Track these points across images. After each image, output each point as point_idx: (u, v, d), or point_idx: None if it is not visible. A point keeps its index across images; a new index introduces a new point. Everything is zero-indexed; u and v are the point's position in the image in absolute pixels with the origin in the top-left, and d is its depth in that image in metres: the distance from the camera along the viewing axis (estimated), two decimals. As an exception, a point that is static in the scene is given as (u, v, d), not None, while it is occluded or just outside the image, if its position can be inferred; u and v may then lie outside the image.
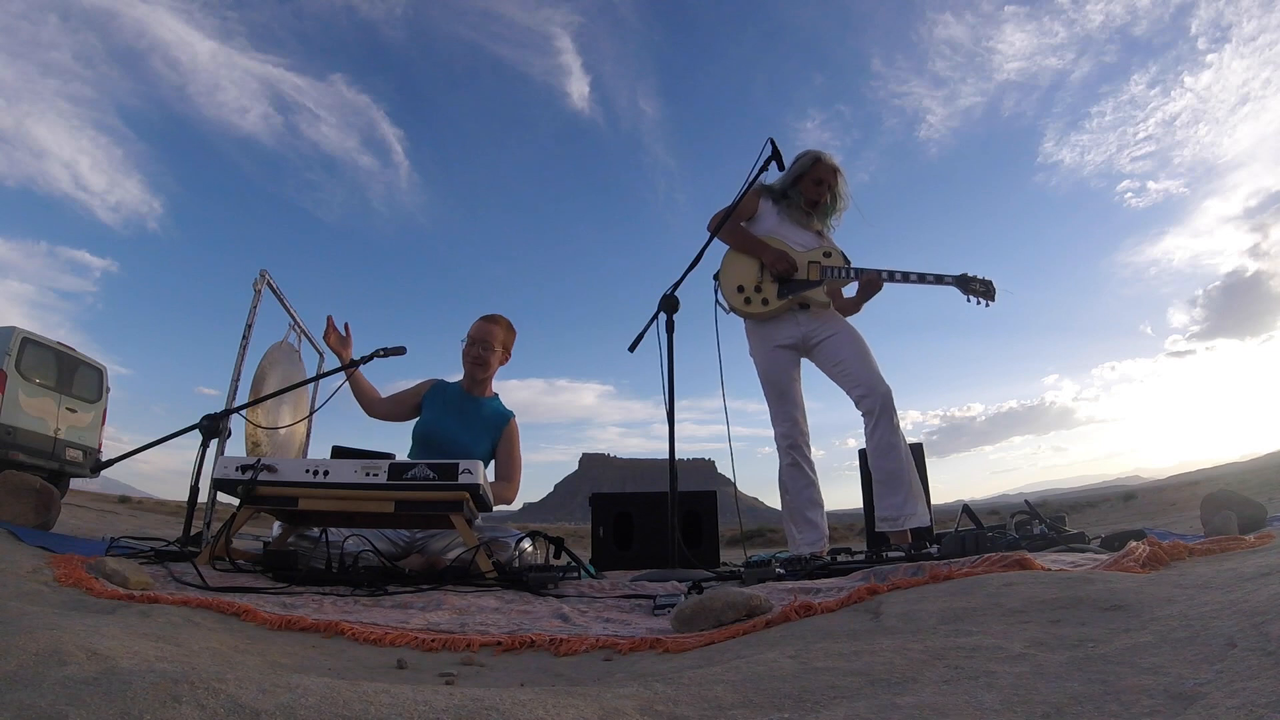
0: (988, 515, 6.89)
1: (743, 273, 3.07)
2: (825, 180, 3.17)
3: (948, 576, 1.37)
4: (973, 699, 0.70)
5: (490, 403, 3.02)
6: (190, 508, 3.06)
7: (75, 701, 0.64)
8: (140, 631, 1.08)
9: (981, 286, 2.99)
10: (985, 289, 2.99)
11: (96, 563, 1.80)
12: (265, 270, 3.72)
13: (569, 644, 1.23)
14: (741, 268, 3.09)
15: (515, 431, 2.99)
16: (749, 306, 3.04)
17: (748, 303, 3.04)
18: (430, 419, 2.94)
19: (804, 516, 2.94)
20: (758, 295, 3.04)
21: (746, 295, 3.04)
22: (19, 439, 7.57)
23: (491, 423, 2.95)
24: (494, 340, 3.00)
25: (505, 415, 2.99)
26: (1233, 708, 0.59)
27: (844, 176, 3.23)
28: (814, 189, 3.17)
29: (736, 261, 3.11)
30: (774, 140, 2.97)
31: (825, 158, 3.19)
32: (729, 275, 3.09)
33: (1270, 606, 0.83)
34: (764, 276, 3.05)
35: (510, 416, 3.01)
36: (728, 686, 0.81)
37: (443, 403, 2.96)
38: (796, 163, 3.21)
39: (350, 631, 1.32)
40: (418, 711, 0.67)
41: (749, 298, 3.04)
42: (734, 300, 3.06)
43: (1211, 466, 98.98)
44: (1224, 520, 2.29)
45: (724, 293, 3.08)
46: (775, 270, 3.02)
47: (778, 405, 3.04)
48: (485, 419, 2.95)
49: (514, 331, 3.11)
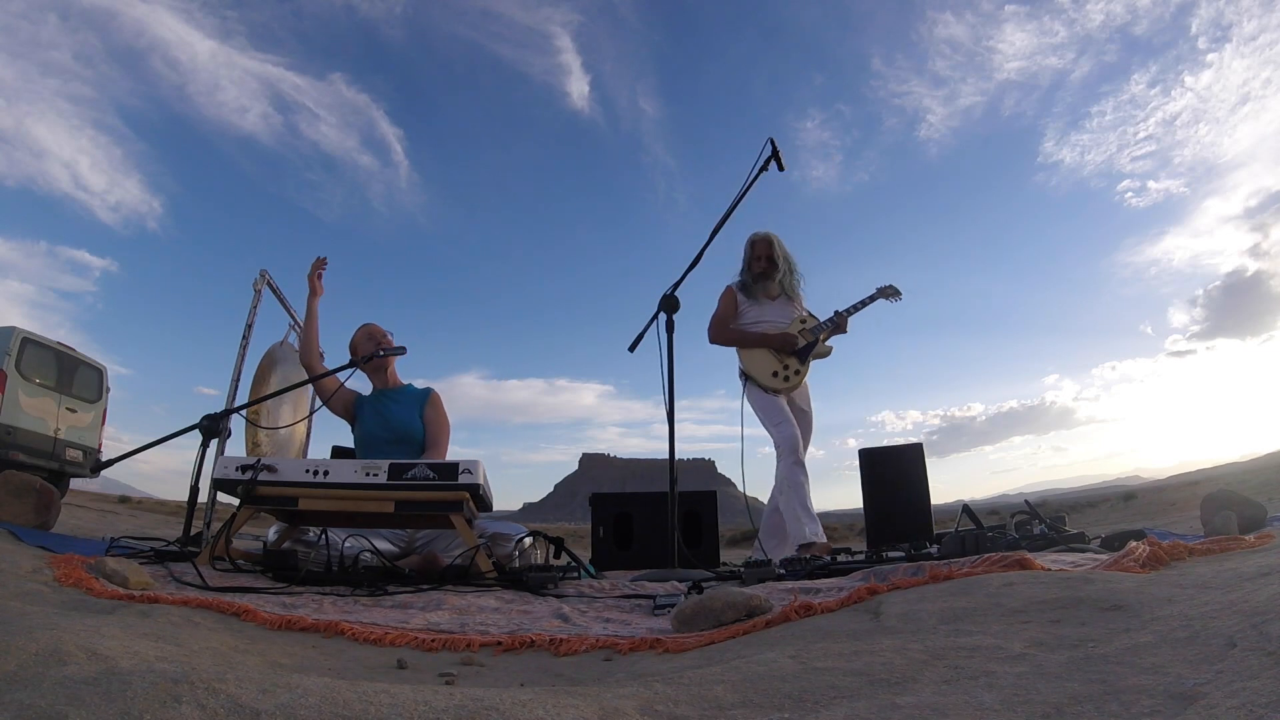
0: (988, 515, 6.89)
1: (766, 361, 3.62)
2: (761, 253, 3.78)
3: (948, 576, 1.37)
4: (973, 699, 0.70)
5: (406, 388, 3.16)
6: (190, 508, 3.07)
7: (75, 701, 0.64)
8: (140, 631, 1.08)
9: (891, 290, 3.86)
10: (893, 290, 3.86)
11: (96, 563, 1.80)
12: (265, 270, 3.72)
13: (569, 644, 1.23)
14: (762, 359, 3.62)
15: (439, 400, 3.14)
16: (789, 383, 3.58)
17: (787, 380, 3.58)
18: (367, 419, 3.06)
19: (807, 507, 3.33)
20: (789, 369, 3.60)
21: (784, 376, 3.59)
22: (19, 439, 7.57)
23: (415, 399, 3.09)
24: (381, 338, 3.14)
25: (425, 390, 3.16)
26: (1233, 708, 0.59)
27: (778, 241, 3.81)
28: (758, 264, 3.79)
29: (755, 356, 3.64)
30: (774, 140, 2.97)
31: (756, 235, 3.83)
32: (758, 367, 3.61)
33: (1270, 606, 0.83)
34: (782, 356, 3.62)
35: (430, 389, 3.16)
36: (728, 686, 0.81)
37: (371, 406, 3.08)
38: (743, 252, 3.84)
39: (350, 631, 1.32)
40: (418, 711, 0.67)
41: (787, 377, 3.58)
42: (775, 384, 3.58)
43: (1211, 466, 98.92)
44: (1224, 520, 2.29)
45: (762, 381, 3.58)
46: (786, 349, 3.62)
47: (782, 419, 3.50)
48: (408, 398, 3.09)
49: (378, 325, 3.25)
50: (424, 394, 3.12)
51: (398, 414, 3.00)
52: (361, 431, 3.04)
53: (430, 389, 3.15)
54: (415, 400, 3.08)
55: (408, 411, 3.03)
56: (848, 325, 3.75)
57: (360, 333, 3.17)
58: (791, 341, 3.63)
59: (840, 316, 3.74)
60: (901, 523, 3.25)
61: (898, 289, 3.88)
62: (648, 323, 2.96)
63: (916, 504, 3.28)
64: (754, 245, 3.83)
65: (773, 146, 2.96)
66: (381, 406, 3.04)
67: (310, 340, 3.16)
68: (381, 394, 3.10)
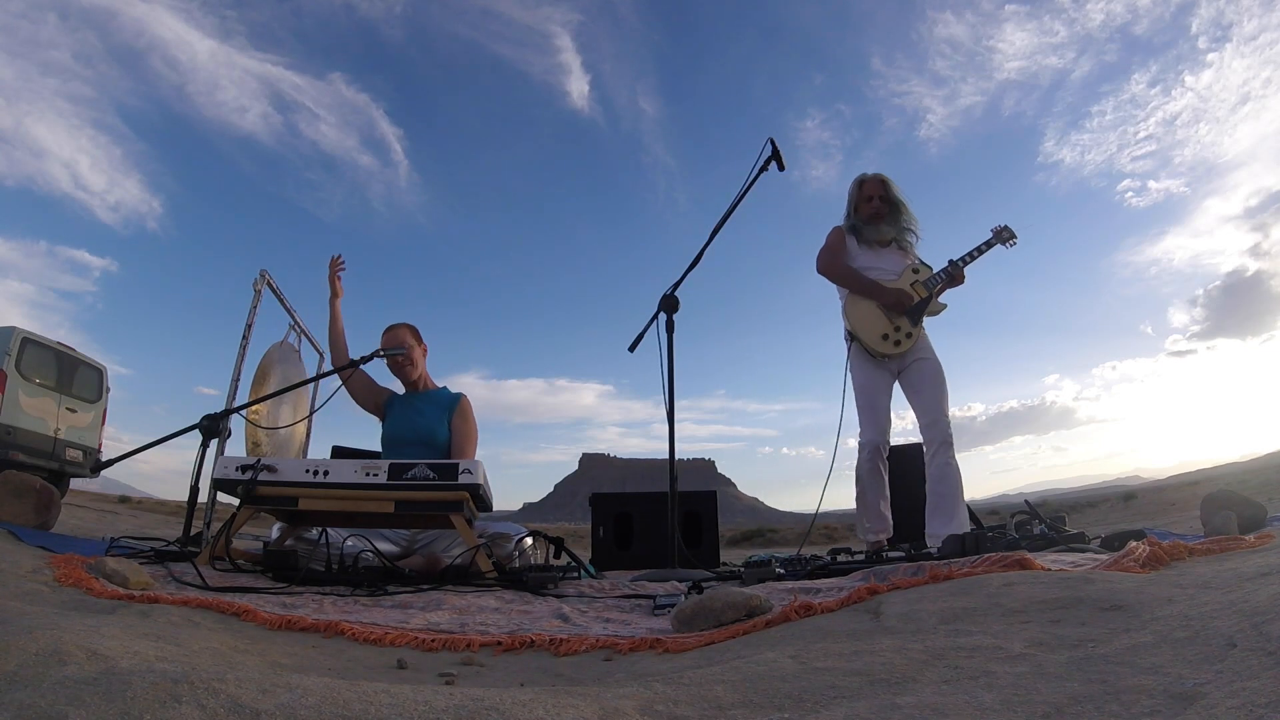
0: (988, 515, 6.89)
1: (876, 321, 3.23)
2: (873, 194, 3.37)
3: (948, 576, 1.37)
4: (973, 699, 0.70)
5: (437, 392, 3.15)
6: (190, 508, 3.06)
7: (75, 701, 0.64)
8: (140, 631, 1.08)
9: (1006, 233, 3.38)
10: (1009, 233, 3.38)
11: (96, 563, 1.80)
12: (265, 270, 3.72)
13: (569, 644, 1.23)
14: (871, 316, 3.23)
15: (468, 407, 3.12)
16: (900, 348, 3.19)
17: (898, 345, 3.19)
18: (391, 419, 3.07)
19: (877, 510, 3.19)
20: (900, 333, 3.20)
21: (894, 340, 3.20)
22: (19, 439, 7.56)
23: (444, 404, 3.07)
24: (403, 341, 3.09)
25: (456, 395, 3.13)
26: (1233, 708, 0.59)
27: (892, 183, 3.41)
28: (867, 206, 3.37)
29: (862, 311, 3.25)
30: (774, 140, 2.97)
31: (866, 175, 3.43)
32: (867, 327, 3.22)
33: (1270, 606, 0.83)
34: (893, 316, 3.22)
35: (460, 395, 3.14)
36: (728, 686, 0.81)
37: (400, 407, 3.08)
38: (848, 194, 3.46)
39: (350, 631, 1.32)
40: (418, 711, 0.67)
41: (898, 340, 3.20)
42: (883, 348, 3.20)
43: (1211, 466, 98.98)
44: (1224, 520, 2.29)
45: (870, 343, 3.21)
46: (899, 308, 3.22)
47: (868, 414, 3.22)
48: (437, 402, 3.07)
49: (414, 327, 3.22)
50: (454, 400, 3.11)
51: (424, 417, 3.00)
52: (387, 431, 3.05)
53: (460, 395, 3.14)
54: (444, 405, 3.07)
55: (434, 416, 3.02)
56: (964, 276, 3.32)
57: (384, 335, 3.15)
58: (905, 300, 3.22)
59: (956, 266, 3.29)
60: (902, 523, 3.25)
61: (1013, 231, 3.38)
62: (648, 323, 2.96)
63: (916, 504, 3.28)
64: (863, 185, 3.41)
65: (773, 146, 2.96)
66: (410, 408, 3.04)
67: (337, 341, 3.16)
68: (412, 396, 3.10)
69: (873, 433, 3.19)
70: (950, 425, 3.15)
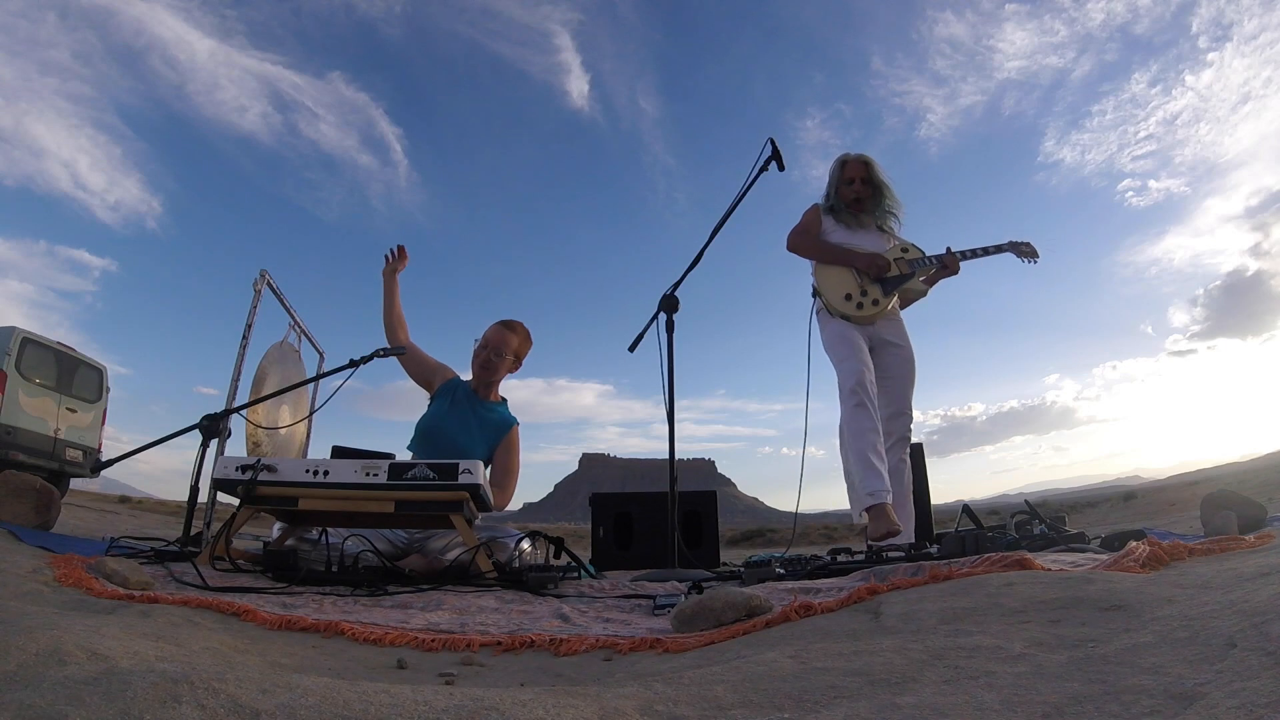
0: (988, 515, 6.89)
1: (844, 281, 3.12)
2: (854, 176, 3.22)
3: (948, 576, 1.37)
4: (973, 699, 0.70)
5: (497, 408, 3.01)
6: (190, 508, 3.06)
7: (75, 701, 0.64)
8: (140, 631, 1.08)
9: (1028, 248, 3.18)
10: (1030, 249, 3.19)
11: (96, 563, 1.80)
12: (265, 270, 3.72)
13: (569, 644, 1.23)
14: (840, 277, 3.13)
15: (516, 439, 2.98)
16: (861, 311, 3.07)
17: (860, 308, 3.07)
18: (436, 412, 2.94)
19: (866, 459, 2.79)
20: (866, 298, 3.08)
21: (857, 301, 3.08)
22: (19, 439, 7.57)
23: (493, 427, 2.94)
24: (507, 348, 2.99)
25: (508, 422, 2.99)
26: (1233, 708, 0.59)
27: (876, 164, 3.25)
28: (848, 190, 3.23)
29: (830, 273, 3.15)
30: (774, 140, 2.97)
31: (849, 155, 3.27)
32: (832, 286, 3.12)
33: (1270, 606, 0.83)
34: (864, 280, 3.10)
35: (513, 423, 3.00)
36: (728, 686, 0.81)
37: (451, 400, 2.96)
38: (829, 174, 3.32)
39: (350, 631, 1.32)
40: (418, 711, 0.67)
41: (860, 303, 3.07)
42: (845, 308, 3.07)
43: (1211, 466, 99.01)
44: (1224, 520, 2.29)
45: (831, 302, 3.10)
46: (872, 272, 3.09)
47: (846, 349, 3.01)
48: (488, 423, 2.94)
49: (530, 342, 3.10)
50: (506, 425, 2.97)
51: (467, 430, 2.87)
52: (427, 420, 2.93)
53: (514, 423, 3.00)
54: (493, 426, 2.93)
55: (479, 434, 2.89)
56: (959, 267, 3.14)
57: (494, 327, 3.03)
58: (882, 266, 3.07)
59: (952, 256, 3.11)
60: (902, 522, 3.26)
61: (1035, 249, 3.17)
62: (648, 322, 2.96)
63: (917, 504, 3.28)
64: (845, 165, 3.24)
65: (773, 146, 2.96)
66: (462, 407, 2.92)
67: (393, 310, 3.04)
68: (471, 396, 2.98)
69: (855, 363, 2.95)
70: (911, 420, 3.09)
